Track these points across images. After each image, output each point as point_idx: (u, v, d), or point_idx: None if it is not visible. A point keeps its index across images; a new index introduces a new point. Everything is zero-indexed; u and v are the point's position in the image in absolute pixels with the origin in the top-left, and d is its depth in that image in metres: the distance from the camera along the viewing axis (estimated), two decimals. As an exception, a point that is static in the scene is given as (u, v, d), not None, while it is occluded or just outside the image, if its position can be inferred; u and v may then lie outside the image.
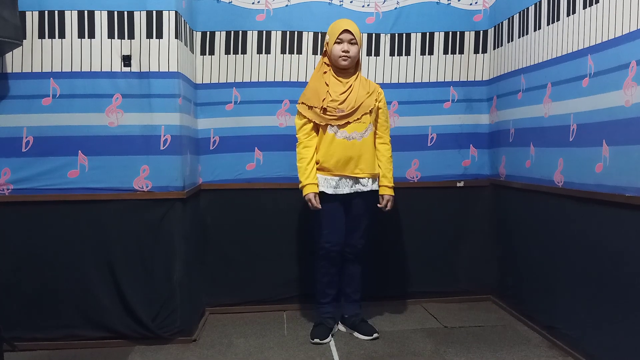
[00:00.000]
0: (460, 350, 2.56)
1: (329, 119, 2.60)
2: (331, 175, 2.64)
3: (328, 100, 2.60)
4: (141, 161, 2.63)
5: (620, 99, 2.07)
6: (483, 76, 3.29)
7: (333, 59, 2.64)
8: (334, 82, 2.66)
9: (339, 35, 2.61)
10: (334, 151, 2.62)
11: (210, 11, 3.06)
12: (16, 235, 2.60)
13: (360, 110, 2.63)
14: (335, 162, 2.62)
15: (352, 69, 2.70)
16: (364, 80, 2.74)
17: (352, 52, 2.61)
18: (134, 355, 2.57)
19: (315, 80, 2.70)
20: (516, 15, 2.92)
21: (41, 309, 2.62)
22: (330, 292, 2.81)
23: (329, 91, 2.62)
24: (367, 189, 2.68)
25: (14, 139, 2.57)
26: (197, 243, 3.01)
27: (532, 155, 2.77)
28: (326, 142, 2.63)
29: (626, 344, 2.08)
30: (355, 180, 2.66)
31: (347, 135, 2.61)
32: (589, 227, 2.31)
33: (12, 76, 2.56)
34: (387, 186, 2.74)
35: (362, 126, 2.64)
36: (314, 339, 2.67)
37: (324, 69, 2.69)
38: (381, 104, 2.74)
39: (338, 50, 2.61)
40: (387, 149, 2.77)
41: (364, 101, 2.64)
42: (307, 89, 2.70)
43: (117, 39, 2.59)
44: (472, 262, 3.33)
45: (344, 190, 2.65)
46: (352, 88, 2.65)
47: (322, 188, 2.63)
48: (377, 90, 2.73)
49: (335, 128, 2.62)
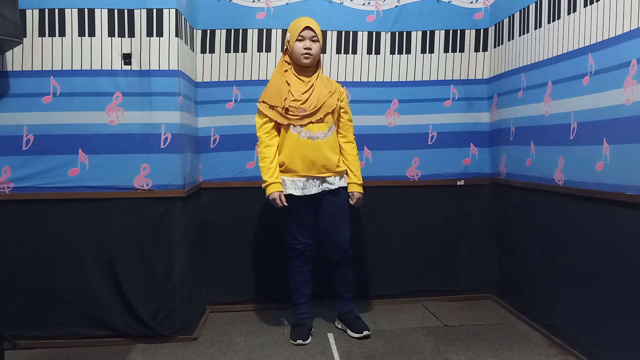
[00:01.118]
0: (460, 349, 2.56)
1: (291, 118, 2.59)
2: (298, 177, 2.63)
3: (290, 100, 2.59)
4: (141, 159, 2.62)
5: (621, 97, 2.06)
6: (484, 74, 3.29)
7: (295, 57, 2.62)
8: (295, 81, 2.64)
9: (300, 32, 2.59)
10: (299, 152, 2.60)
11: (210, 9, 3.06)
12: (16, 234, 2.60)
13: (323, 109, 2.62)
14: (301, 163, 2.61)
15: (313, 68, 2.69)
16: (325, 79, 2.73)
17: (314, 49, 2.61)
18: (135, 353, 2.57)
19: (276, 78, 2.68)
20: (517, 13, 2.92)
21: (41, 308, 2.63)
22: (306, 292, 2.81)
23: (291, 90, 2.61)
24: (334, 187, 2.67)
25: (14, 137, 2.57)
26: (198, 241, 3.01)
27: (532, 153, 2.77)
28: (290, 142, 2.61)
29: (626, 342, 2.08)
30: (322, 180, 2.65)
31: (311, 135, 2.61)
32: (589, 226, 2.31)
33: (12, 74, 2.56)
34: (357, 183, 2.74)
35: (325, 126, 2.64)
36: (296, 340, 2.64)
37: (285, 67, 2.67)
38: (343, 103, 2.73)
39: (300, 47, 2.59)
40: (353, 147, 2.77)
41: (326, 100, 2.63)
42: (268, 88, 2.68)
43: (117, 37, 2.59)
44: (473, 261, 3.33)
45: (312, 190, 2.64)
46: (313, 87, 2.64)
47: (289, 190, 2.62)
48: (338, 90, 2.73)
49: (298, 128, 2.61)
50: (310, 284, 2.82)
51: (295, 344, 2.64)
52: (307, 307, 2.82)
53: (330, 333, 2.78)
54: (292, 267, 2.78)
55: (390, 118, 3.21)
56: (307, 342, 2.65)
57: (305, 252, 2.73)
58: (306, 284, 2.80)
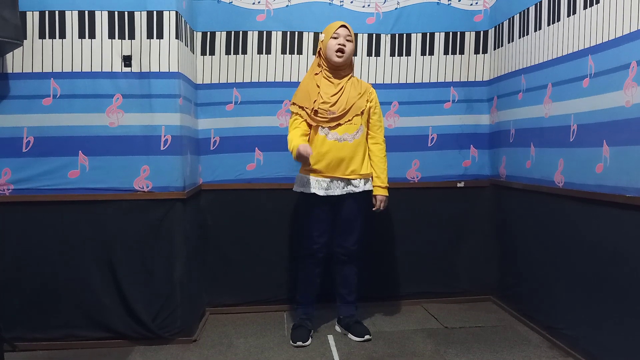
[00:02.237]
0: (460, 351, 2.56)
1: (319, 120, 2.60)
2: (322, 177, 2.63)
3: (319, 102, 2.60)
4: (142, 161, 2.63)
5: (621, 100, 2.06)
6: (483, 76, 3.29)
7: (328, 55, 2.63)
8: (325, 84, 2.65)
9: (335, 30, 2.61)
10: (325, 153, 2.61)
11: (210, 11, 3.06)
12: (16, 236, 2.60)
13: (352, 112, 2.62)
14: (327, 164, 2.61)
15: (346, 70, 2.69)
16: (356, 80, 2.73)
17: (348, 47, 2.61)
18: (134, 355, 2.57)
19: (307, 80, 2.69)
20: (516, 15, 2.92)
21: (41, 309, 2.62)
22: (312, 294, 2.81)
23: (320, 93, 2.62)
24: (359, 190, 2.67)
25: (15, 139, 2.57)
26: (198, 243, 3.01)
27: (532, 155, 2.77)
28: (317, 143, 2.62)
29: (626, 344, 2.07)
30: (347, 182, 2.65)
31: (338, 137, 2.61)
32: (589, 228, 2.31)
33: (12, 76, 2.57)
34: (381, 187, 2.72)
35: (353, 128, 2.63)
36: (296, 342, 2.64)
37: (316, 70, 2.69)
38: (373, 104, 2.73)
39: (334, 43, 2.60)
40: (380, 149, 2.75)
41: (355, 102, 2.64)
42: (298, 90, 2.70)
43: (117, 39, 2.59)
44: (473, 263, 3.33)
45: (336, 192, 2.64)
46: (343, 89, 2.64)
47: (313, 190, 2.62)
48: (368, 91, 2.72)
49: (326, 130, 2.61)
50: (317, 287, 2.82)
51: (295, 345, 2.64)
52: (310, 308, 2.83)
53: (330, 335, 2.78)
54: (302, 267, 2.79)
55: (390, 120, 3.21)
56: (307, 344, 2.65)
57: (319, 253, 2.73)
58: (313, 286, 2.80)
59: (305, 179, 2.66)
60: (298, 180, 2.72)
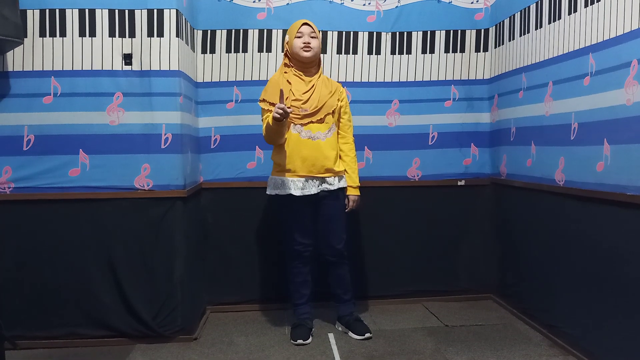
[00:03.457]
0: (461, 349, 2.56)
1: (292, 117, 2.59)
2: (297, 177, 2.62)
3: (291, 99, 2.59)
4: (142, 160, 2.63)
5: (622, 98, 2.06)
6: (484, 75, 3.29)
7: (295, 53, 2.63)
8: (296, 81, 2.65)
9: (298, 29, 2.61)
10: (299, 151, 2.60)
11: (211, 10, 3.06)
12: (17, 234, 2.60)
13: (324, 110, 2.63)
14: (301, 163, 2.61)
15: (315, 67, 2.70)
16: (326, 79, 2.74)
17: (314, 43, 2.62)
18: (135, 353, 2.57)
19: (276, 77, 2.68)
20: (517, 13, 2.92)
21: (42, 308, 2.63)
22: (306, 292, 2.81)
23: (292, 90, 2.61)
24: (334, 188, 2.67)
25: (15, 138, 2.57)
26: (198, 242, 3.01)
27: (533, 154, 2.77)
28: (290, 142, 2.61)
29: (627, 343, 2.08)
30: (322, 180, 2.65)
31: (311, 135, 2.61)
32: (589, 226, 2.31)
33: (13, 75, 2.56)
34: (352, 186, 2.74)
35: (325, 126, 2.64)
36: (297, 340, 2.64)
37: (284, 69, 2.68)
38: (343, 103, 2.73)
39: (299, 42, 2.60)
40: (351, 149, 2.76)
41: (327, 101, 2.64)
42: (268, 86, 2.68)
43: (118, 38, 2.59)
44: (473, 261, 3.33)
45: (312, 190, 2.63)
46: (314, 87, 2.64)
47: (289, 190, 2.61)
48: (339, 90, 2.73)
49: (299, 127, 2.61)
50: (310, 285, 2.82)
51: (295, 344, 2.64)
52: (307, 307, 2.82)
53: (330, 333, 2.78)
54: (291, 268, 2.79)
55: (391, 118, 3.21)
56: (307, 342, 2.65)
57: (305, 253, 2.73)
58: (306, 285, 2.80)
59: (279, 180, 2.65)
60: (271, 183, 2.70)
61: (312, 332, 2.74)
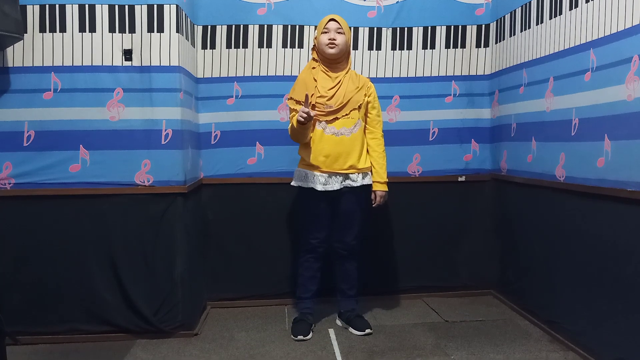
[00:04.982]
0: (461, 345, 2.56)
1: (317, 114, 2.59)
2: (320, 172, 2.62)
3: (316, 96, 2.59)
4: (142, 155, 2.62)
5: (623, 94, 2.06)
6: (485, 70, 3.28)
7: (321, 49, 2.63)
8: (322, 77, 2.65)
9: (325, 25, 2.61)
10: (322, 147, 2.60)
11: (211, 5, 3.05)
12: (17, 230, 2.60)
13: (349, 105, 2.62)
14: (324, 159, 2.61)
15: (343, 63, 2.69)
16: (354, 74, 2.72)
17: (339, 40, 2.60)
18: (136, 349, 2.57)
19: (303, 74, 2.69)
20: (518, 9, 2.91)
21: (43, 304, 2.63)
22: (312, 288, 2.81)
23: (318, 86, 2.61)
24: (357, 185, 2.66)
25: (16, 133, 2.57)
26: (199, 237, 3.02)
27: (533, 149, 2.77)
28: (315, 138, 2.62)
29: (627, 339, 2.08)
30: (345, 176, 2.64)
31: (335, 131, 2.60)
32: (590, 222, 2.31)
33: (13, 70, 2.56)
34: (380, 182, 2.72)
35: (351, 122, 2.63)
36: (297, 335, 2.65)
37: (313, 65, 2.68)
38: (371, 99, 2.72)
39: (325, 38, 2.60)
40: (379, 144, 2.74)
41: (353, 96, 2.63)
42: (296, 84, 2.69)
43: (118, 33, 2.58)
44: (473, 257, 3.33)
45: (334, 186, 2.63)
46: (341, 83, 2.63)
47: (311, 184, 2.62)
48: (366, 85, 2.71)
49: (323, 124, 2.61)
50: (317, 282, 2.82)
51: (296, 339, 2.64)
52: (310, 303, 2.83)
53: (331, 329, 2.79)
54: (302, 261, 2.79)
55: (392, 114, 3.21)
56: (307, 338, 2.66)
57: (319, 248, 2.73)
58: (313, 281, 2.81)
59: (303, 173, 2.67)
60: (296, 175, 2.73)
61: (312, 327, 2.75)
